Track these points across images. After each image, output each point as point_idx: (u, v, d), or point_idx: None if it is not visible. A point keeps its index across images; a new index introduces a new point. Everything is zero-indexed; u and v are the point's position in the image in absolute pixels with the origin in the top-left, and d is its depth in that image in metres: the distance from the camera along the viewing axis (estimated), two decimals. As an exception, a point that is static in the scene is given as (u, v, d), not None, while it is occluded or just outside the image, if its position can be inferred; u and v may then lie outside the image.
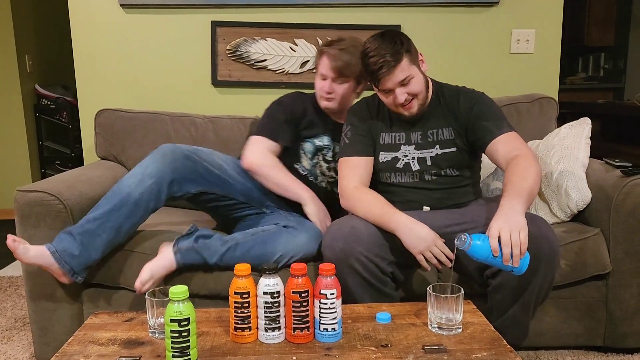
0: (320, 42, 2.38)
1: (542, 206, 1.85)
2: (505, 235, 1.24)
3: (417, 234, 1.45)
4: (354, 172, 1.64)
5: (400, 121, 1.66)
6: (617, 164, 1.79)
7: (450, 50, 2.43)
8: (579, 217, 1.82)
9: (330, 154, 1.86)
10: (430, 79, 1.69)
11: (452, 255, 1.45)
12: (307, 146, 1.85)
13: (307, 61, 2.41)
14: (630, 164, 1.76)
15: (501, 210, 1.32)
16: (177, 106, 2.42)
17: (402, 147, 1.66)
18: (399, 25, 2.36)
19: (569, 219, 1.82)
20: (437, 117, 1.65)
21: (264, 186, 1.78)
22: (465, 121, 1.62)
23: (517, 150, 1.50)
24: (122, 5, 2.37)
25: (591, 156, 1.88)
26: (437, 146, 1.63)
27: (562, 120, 2.19)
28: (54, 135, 3.98)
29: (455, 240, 1.27)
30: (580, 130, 1.90)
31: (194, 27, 2.40)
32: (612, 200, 1.68)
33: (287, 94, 1.91)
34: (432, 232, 1.46)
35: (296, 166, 1.85)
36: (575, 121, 1.95)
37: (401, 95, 1.54)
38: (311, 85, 2.41)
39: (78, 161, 3.64)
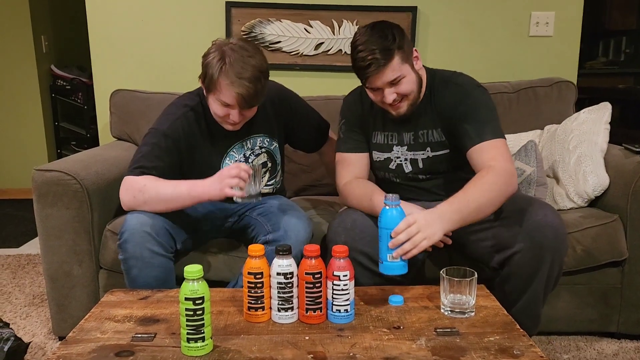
0: (335, 23, 2.36)
1: (559, 191, 1.83)
2: (413, 229, 1.20)
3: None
4: (347, 170, 1.60)
5: (393, 120, 1.56)
6: (637, 149, 1.76)
7: (468, 32, 2.39)
8: (597, 203, 1.80)
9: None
10: (426, 69, 1.56)
11: (449, 232, 1.40)
12: None
13: (322, 43, 2.38)
14: (650, 150, 1.73)
15: (434, 211, 1.27)
16: (191, 87, 2.38)
17: (395, 147, 1.59)
18: (416, 7, 2.32)
19: (586, 204, 1.80)
20: (426, 117, 1.54)
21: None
22: (449, 120, 1.50)
23: (492, 161, 1.38)
24: (137, -14, 2.36)
25: (610, 142, 1.86)
26: (429, 148, 1.55)
27: (580, 106, 2.14)
28: (70, 116, 4.01)
29: (387, 196, 1.23)
30: (599, 115, 1.87)
31: (208, 8, 2.38)
32: (630, 186, 1.65)
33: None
34: (416, 207, 1.43)
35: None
36: (595, 106, 1.92)
37: (390, 95, 1.44)
38: (324, 67, 2.41)
39: (93, 142, 3.66)
